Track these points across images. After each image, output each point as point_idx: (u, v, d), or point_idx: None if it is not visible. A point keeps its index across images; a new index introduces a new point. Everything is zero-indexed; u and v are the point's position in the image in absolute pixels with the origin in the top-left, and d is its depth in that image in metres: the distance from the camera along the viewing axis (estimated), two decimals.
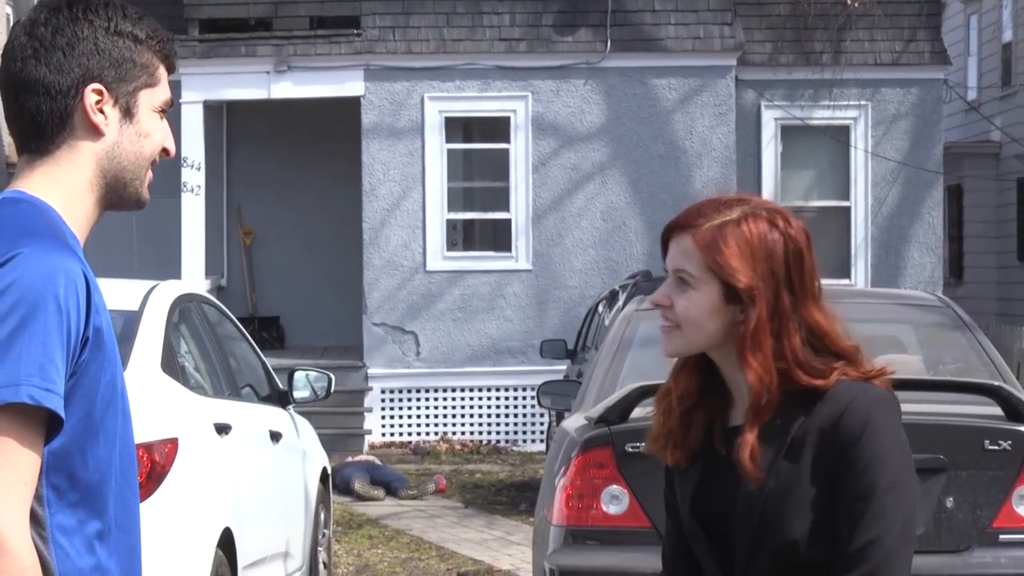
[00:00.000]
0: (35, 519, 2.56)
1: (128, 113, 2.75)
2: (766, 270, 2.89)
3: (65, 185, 2.72)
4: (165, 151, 2.82)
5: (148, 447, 6.99)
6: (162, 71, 2.81)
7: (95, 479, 2.64)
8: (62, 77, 2.71)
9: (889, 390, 2.95)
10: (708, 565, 3.01)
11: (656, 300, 2.97)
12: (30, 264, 2.55)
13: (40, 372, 2.50)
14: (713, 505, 2.98)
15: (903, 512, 2.85)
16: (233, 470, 8.03)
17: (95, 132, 2.73)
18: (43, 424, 2.53)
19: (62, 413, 2.53)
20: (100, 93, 2.73)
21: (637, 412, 6.50)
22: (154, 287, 8.20)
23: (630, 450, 6.53)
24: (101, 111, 2.73)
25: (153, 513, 6.95)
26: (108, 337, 2.66)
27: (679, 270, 2.94)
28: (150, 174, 2.81)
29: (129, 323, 7.66)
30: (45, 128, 2.72)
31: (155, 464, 7.02)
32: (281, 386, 9.74)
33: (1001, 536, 6.52)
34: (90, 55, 2.72)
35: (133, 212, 2.76)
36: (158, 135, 2.80)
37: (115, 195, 2.78)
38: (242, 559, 7.99)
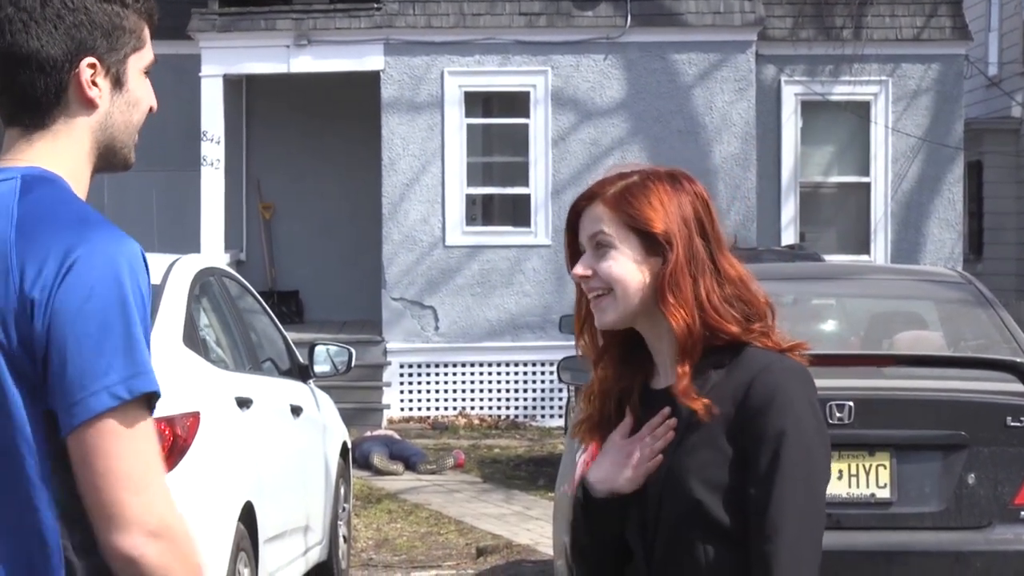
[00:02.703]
0: None
1: (118, 82, 2.69)
2: (678, 218, 2.95)
3: (68, 159, 2.66)
4: (151, 109, 2.78)
5: (170, 421, 7.01)
6: (147, 32, 2.74)
7: None
8: (55, 50, 2.63)
9: (804, 364, 2.97)
10: (630, 534, 3.00)
11: (577, 273, 2.99)
12: (108, 255, 2.53)
13: (149, 358, 2.55)
14: None
15: (813, 487, 2.86)
16: (254, 444, 8.05)
17: (89, 105, 2.66)
18: None
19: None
20: (94, 66, 2.65)
21: None
22: (176, 261, 8.20)
23: None
24: (95, 83, 2.66)
25: (175, 487, 6.96)
26: None
27: (595, 234, 2.97)
28: (137, 137, 2.76)
29: (151, 297, 7.67)
30: (39, 103, 2.65)
31: (177, 438, 7.03)
32: (302, 360, 9.75)
33: (1022, 513, 6.52)
34: (81, 26, 2.64)
35: (152, 186, 2.72)
36: (146, 99, 2.74)
37: (105, 162, 2.72)
38: (263, 533, 8.02)
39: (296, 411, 9.19)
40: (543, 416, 19.39)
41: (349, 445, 10.89)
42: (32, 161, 2.64)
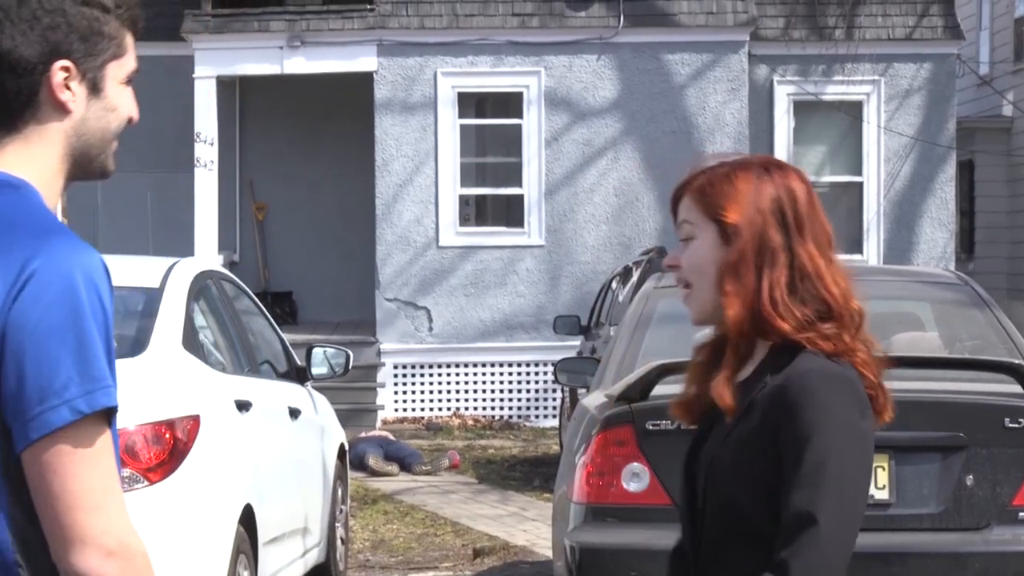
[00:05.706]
0: None
1: (95, 88, 2.59)
2: (753, 209, 2.93)
3: (40, 165, 2.57)
4: (130, 120, 2.69)
5: (170, 424, 7.02)
6: (129, 40, 2.63)
7: None
8: (28, 51, 2.53)
9: (857, 368, 2.91)
10: (682, 521, 3.02)
11: (668, 261, 3.03)
12: (66, 265, 2.44)
13: (111, 371, 2.45)
14: (698, 461, 3.00)
15: (842, 494, 2.81)
16: (254, 447, 8.06)
17: (61, 110, 2.57)
18: None
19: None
20: (67, 70, 2.55)
21: (658, 390, 6.51)
22: (174, 264, 8.22)
23: (651, 428, 6.56)
24: (68, 87, 2.56)
25: (176, 490, 7.00)
26: None
27: (683, 222, 3.00)
28: (115, 144, 2.67)
29: (151, 300, 7.70)
30: (10, 104, 2.56)
31: (177, 441, 7.04)
32: (299, 362, 9.76)
33: (1020, 514, 6.54)
34: (57, 28, 2.54)
35: (145, 187, 2.66)
36: (124, 107, 2.64)
37: (80, 169, 2.63)
38: (263, 535, 8.03)
39: (294, 413, 9.20)
40: (537, 417, 19.41)
41: (346, 447, 10.91)
42: (3, 166, 2.56)
